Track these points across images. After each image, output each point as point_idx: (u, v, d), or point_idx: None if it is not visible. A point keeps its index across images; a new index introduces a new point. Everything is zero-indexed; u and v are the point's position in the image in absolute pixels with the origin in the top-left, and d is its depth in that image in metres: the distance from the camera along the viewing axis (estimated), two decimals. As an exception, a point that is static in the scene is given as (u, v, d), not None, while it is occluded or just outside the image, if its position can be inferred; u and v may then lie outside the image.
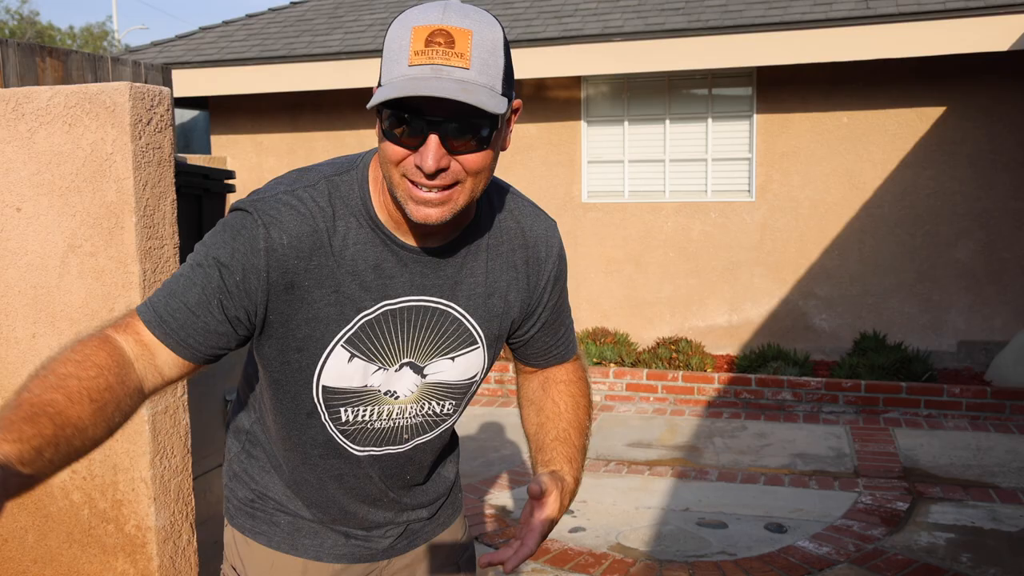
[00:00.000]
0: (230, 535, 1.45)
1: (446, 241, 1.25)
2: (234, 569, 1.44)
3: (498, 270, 1.31)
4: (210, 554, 2.45)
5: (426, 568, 1.48)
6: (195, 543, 2.34)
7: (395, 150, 1.11)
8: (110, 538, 2.23)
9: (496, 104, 1.07)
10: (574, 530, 3.82)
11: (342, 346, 1.24)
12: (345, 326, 1.22)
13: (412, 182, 1.11)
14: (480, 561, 1.28)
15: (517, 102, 1.18)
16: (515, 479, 4.49)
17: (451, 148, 1.09)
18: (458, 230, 1.25)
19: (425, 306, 1.26)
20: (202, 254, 1.19)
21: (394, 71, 1.08)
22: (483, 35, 1.08)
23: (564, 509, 1.32)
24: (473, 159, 1.11)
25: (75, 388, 1.01)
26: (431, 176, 1.10)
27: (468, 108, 1.06)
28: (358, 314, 1.22)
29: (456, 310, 1.28)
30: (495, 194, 1.33)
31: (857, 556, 3.51)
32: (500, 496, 4.25)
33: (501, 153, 1.23)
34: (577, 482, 1.38)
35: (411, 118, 1.08)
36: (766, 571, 3.38)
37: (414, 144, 1.09)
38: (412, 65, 1.06)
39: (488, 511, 4.03)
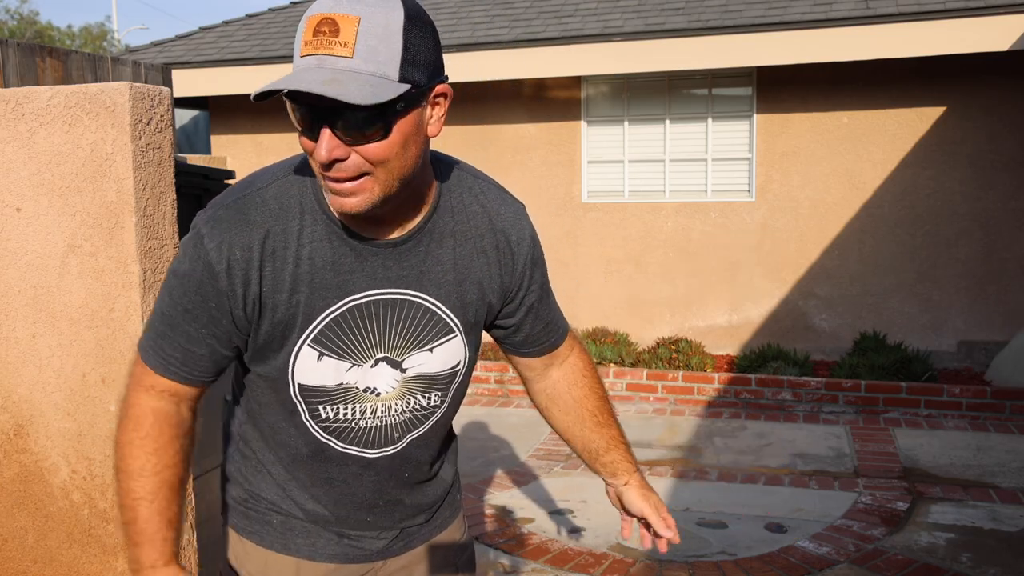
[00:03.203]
0: (227, 534, 1.46)
1: (405, 231, 1.23)
2: (231, 567, 1.45)
3: (467, 256, 1.29)
4: (210, 554, 2.44)
5: (424, 569, 1.47)
6: (195, 543, 2.33)
7: (305, 141, 1.12)
8: (110, 538, 2.23)
9: (374, 93, 1.03)
10: (574, 530, 3.82)
11: (308, 345, 1.23)
12: (308, 326, 1.22)
13: (323, 175, 1.12)
14: (645, 544, 1.53)
15: (442, 86, 1.13)
16: (515, 479, 4.48)
17: (348, 140, 1.08)
18: (415, 218, 1.23)
19: (393, 299, 1.24)
20: (171, 297, 1.24)
21: (294, 63, 1.08)
22: (374, 20, 1.04)
23: (652, 497, 1.53)
24: (373, 150, 1.08)
25: (170, 478, 1.26)
26: (327, 167, 1.09)
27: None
28: (320, 313, 1.22)
29: (427, 300, 1.26)
30: (456, 178, 1.30)
31: (857, 556, 3.51)
32: (500, 496, 4.24)
33: (498, 151, 1.23)
34: (639, 471, 1.55)
35: (306, 111, 1.08)
36: (766, 571, 3.38)
37: (315, 136, 1.09)
38: (302, 56, 1.06)
39: (488, 511, 4.03)
